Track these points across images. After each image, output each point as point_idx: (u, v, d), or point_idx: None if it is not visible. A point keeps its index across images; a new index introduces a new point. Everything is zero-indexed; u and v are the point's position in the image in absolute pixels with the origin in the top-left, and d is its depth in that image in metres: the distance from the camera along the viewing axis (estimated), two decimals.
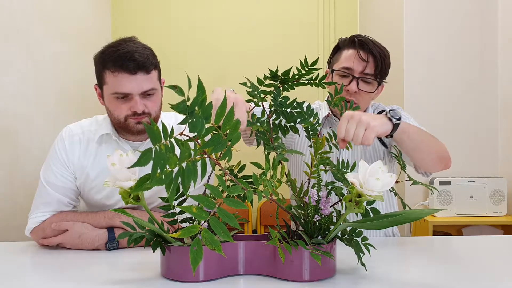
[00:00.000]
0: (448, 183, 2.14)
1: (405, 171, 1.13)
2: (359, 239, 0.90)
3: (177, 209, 0.93)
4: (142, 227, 0.88)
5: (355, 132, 0.95)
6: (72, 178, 1.28)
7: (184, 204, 0.91)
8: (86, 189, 1.29)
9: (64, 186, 1.26)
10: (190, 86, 0.67)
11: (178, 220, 0.94)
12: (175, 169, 0.66)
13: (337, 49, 1.35)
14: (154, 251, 0.87)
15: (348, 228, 0.90)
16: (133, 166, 0.62)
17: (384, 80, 1.31)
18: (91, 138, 1.29)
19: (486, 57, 2.32)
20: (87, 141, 1.29)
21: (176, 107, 0.66)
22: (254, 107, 0.94)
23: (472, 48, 2.32)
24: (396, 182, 0.84)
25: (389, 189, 0.93)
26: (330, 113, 1.37)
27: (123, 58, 1.16)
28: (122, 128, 1.25)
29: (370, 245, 0.89)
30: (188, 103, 0.67)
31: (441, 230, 2.19)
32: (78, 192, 1.30)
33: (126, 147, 1.28)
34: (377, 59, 1.24)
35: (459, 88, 2.32)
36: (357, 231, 0.90)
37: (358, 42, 1.27)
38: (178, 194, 0.91)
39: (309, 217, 0.88)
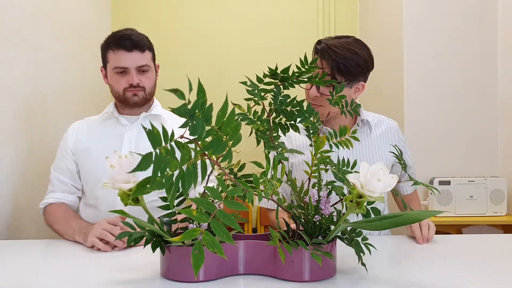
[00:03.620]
0: (448, 183, 2.14)
1: (405, 171, 1.13)
2: (359, 239, 0.90)
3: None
4: (142, 227, 0.87)
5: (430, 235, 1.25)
6: (71, 159, 1.47)
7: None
8: (86, 162, 1.45)
9: (64, 167, 1.47)
10: (190, 89, 0.67)
11: (178, 220, 0.94)
12: (175, 172, 0.66)
13: None
14: (154, 251, 0.87)
15: (349, 228, 0.90)
16: (134, 171, 0.62)
17: (347, 81, 1.31)
18: (93, 121, 1.54)
19: (486, 57, 2.32)
20: (87, 124, 1.53)
21: (177, 111, 0.65)
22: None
23: (472, 47, 2.32)
24: (397, 182, 0.84)
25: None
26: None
27: (122, 38, 1.42)
28: (121, 101, 1.48)
29: (371, 245, 0.89)
30: (189, 106, 0.66)
31: (441, 230, 2.19)
32: (79, 174, 1.48)
33: (124, 121, 1.49)
34: (329, 61, 1.28)
35: (459, 88, 2.32)
36: (357, 231, 0.90)
37: (314, 50, 1.36)
38: (177, 194, 0.91)
39: (309, 217, 0.88)
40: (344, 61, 1.27)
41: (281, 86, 0.93)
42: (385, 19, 2.57)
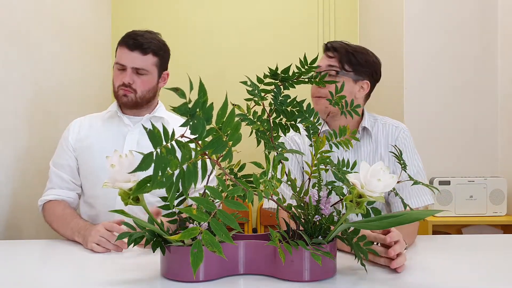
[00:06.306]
0: (448, 183, 2.14)
1: (405, 171, 1.13)
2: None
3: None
4: (142, 227, 0.87)
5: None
6: (72, 155, 1.47)
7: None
8: (86, 160, 1.46)
9: (65, 163, 1.47)
10: (191, 88, 0.67)
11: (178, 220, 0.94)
12: (176, 172, 0.66)
13: None
14: (154, 251, 0.87)
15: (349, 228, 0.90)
16: (135, 171, 0.62)
17: (354, 71, 1.35)
18: (95, 118, 1.54)
19: (486, 57, 2.32)
20: (89, 121, 1.53)
21: (177, 110, 0.65)
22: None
23: (472, 47, 2.32)
24: (397, 182, 0.84)
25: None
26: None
27: (127, 37, 1.44)
28: (116, 98, 1.49)
29: (371, 245, 0.89)
30: (190, 105, 0.66)
31: (441, 230, 2.19)
32: (78, 171, 1.48)
33: (127, 121, 1.50)
34: (341, 53, 1.34)
35: (459, 88, 2.32)
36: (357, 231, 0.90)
37: (325, 46, 1.40)
38: (177, 194, 0.91)
39: (309, 217, 0.88)
40: (355, 52, 1.35)
41: (281, 86, 0.93)
42: (385, 19, 2.57)
